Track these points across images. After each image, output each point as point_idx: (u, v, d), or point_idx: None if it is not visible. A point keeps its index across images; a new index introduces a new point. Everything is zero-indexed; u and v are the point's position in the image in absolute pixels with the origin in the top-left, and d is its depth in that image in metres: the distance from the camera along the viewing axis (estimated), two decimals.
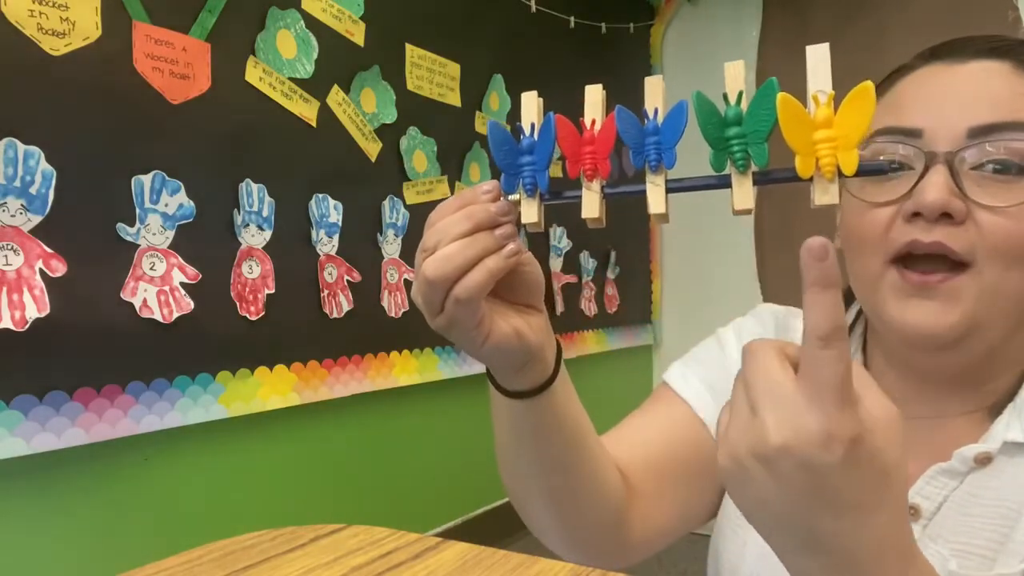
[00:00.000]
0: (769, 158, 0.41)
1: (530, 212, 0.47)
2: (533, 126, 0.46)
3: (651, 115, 0.43)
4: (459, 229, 0.48)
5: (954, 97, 0.57)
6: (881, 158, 0.58)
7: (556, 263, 2.31)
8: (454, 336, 0.51)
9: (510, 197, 0.47)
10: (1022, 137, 0.54)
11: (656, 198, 0.44)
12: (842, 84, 0.40)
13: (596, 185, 0.46)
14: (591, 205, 0.46)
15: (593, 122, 0.46)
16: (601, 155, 0.46)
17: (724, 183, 0.42)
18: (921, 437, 0.63)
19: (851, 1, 2.50)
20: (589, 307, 2.48)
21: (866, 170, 0.39)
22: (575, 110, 0.51)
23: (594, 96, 0.47)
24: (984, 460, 0.58)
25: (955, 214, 0.54)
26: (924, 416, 0.64)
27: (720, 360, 0.75)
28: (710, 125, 0.41)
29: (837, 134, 0.39)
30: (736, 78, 0.41)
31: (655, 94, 0.45)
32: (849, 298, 0.73)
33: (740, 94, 0.40)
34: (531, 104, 0.48)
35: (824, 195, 0.39)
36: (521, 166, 0.47)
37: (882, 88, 0.64)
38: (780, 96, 0.40)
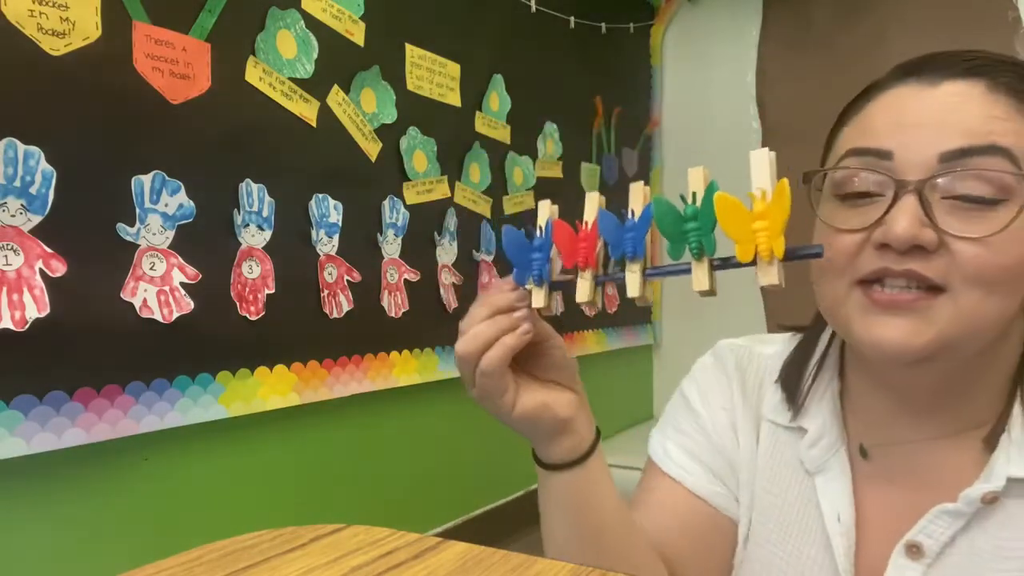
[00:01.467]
0: (716, 247, 0.48)
1: (539, 298, 0.56)
2: (542, 228, 0.56)
3: (631, 215, 0.53)
4: (482, 314, 0.57)
5: (925, 120, 0.56)
6: (855, 180, 0.58)
7: (556, 263, 2.31)
8: (487, 406, 0.59)
9: (524, 287, 0.57)
10: (993, 162, 0.53)
11: (633, 283, 0.53)
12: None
13: (588, 274, 0.54)
14: (584, 290, 0.54)
15: (587, 223, 0.55)
16: (591, 250, 0.54)
17: (686, 270, 0.50)
18: (913, 462, 0.63)
19: (851, 1, 2.50)
20: (589, 307, 2.48)
21: (795, 255, 0.46)
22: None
23: (592, 203, 0.57)
24: (991, 499, 0.57)
25: (927, 245, 0.53)
26: (910, 440, 0.63)
27: (692, 421, 0.77)
28: (667, 222, 0.49)
29: (769, 224, 0.45)
30: (697, 181, 0.49)
31: (637, 198, 0.54)
32: (822, 322, 0.73)
33: (695, 195, 0.48)
34: (545, 211, 0.58)
35: (765, 276, 0.47)
36: (531, 261, 0.55)
37: (855, 107, 0.63)
38: (716, 196, 0.47)
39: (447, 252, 1.90)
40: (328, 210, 1.57)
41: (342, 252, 1.60)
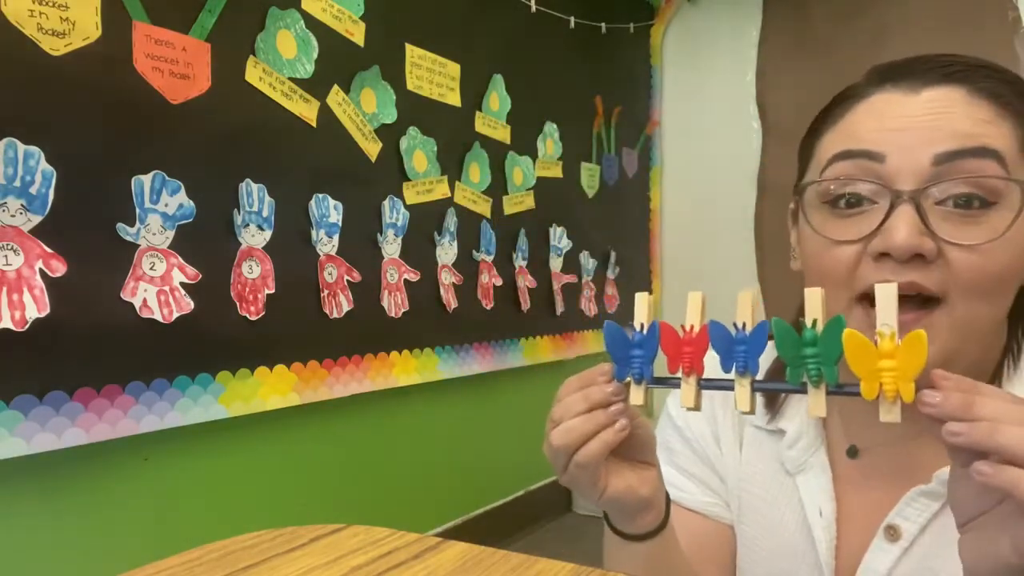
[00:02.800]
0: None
1: (637, 396, 0.56)
2: (643, 325, 0.56)
3: (740, 327, 0.53)
4: (580, 407, 0.56)
5: (913, 126, 0.56)
6: (846, 191, 0.58)
7: (556, 263, 2.31)
8: (578, 489, 0.59)
9: (621, 382, 0.57)
10: (984, 163, 0.53)
11: (743, 397, 0.52)
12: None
13: (693, 379, 0.54)
14: (688, 395, 0.54)
15: (692, 327, 0.54)
16: (697, 356, 0.54)
17: (802, 390, 0.50)
18: (898, 458, 0.63)
19: (851, 1, 2.50)
20: (589, 307, 2.48)
21: (922, 398, 0.47)
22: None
23: (695, 303, 0.56)
24: None
25: (927, 254, 0.54)
26: (900, 437, 0.63)
27: (678, 436, 0.78)
28: (786, 345, 0.50)
29: (898, 366, 0.47)
30: (815, 306, 0.50)
31: (745, 308, 0.54)
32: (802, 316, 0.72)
33: (815, 321, 0.49)
34: (643, 304, 0.57)
35: (888, 415, 0.48)
36: (632, 358, 0.56)
37: (833, 114, 0.62)
38: (846, 333, 0.48)
39: (447, 252, 1.90)
40: (328, 210, 1.57)
41: (342, 252, 1.60)
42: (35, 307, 1.09)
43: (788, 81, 2.59)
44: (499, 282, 2.06)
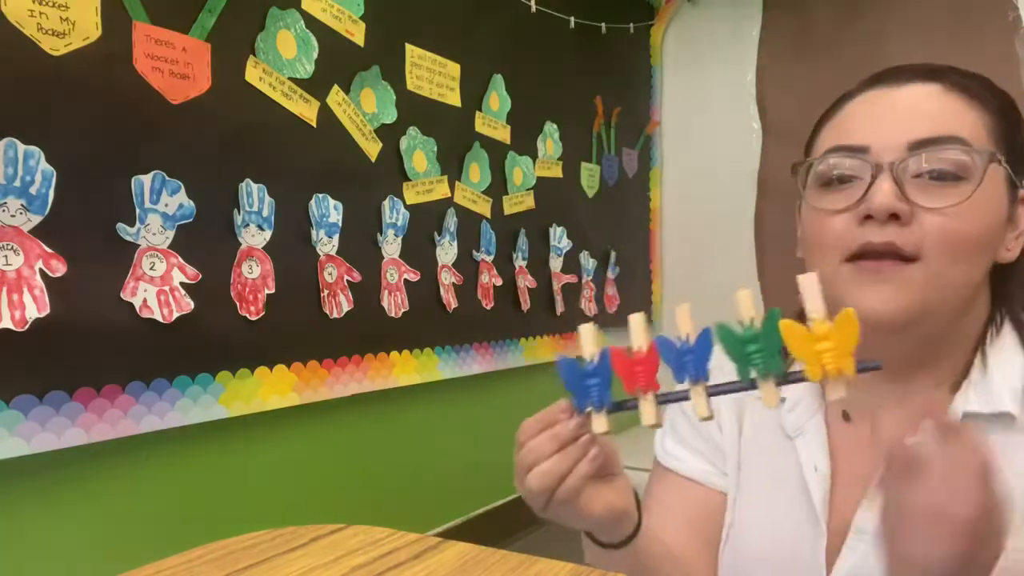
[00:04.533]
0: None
1: (600, 424, 0.57)
2: (593, 355, 0.58)
3: (684, 338, 0.55)
4: (550, 448, 0.59)
5: (895, 116, 0.67)
6: (835, 173, 0.68)
7: (556, 263, 2.31)
8: (560, 520, 0.62)
9: (583, 413, 0.58)
10: (952, 148, 0.64)
11: (700, 403, 0.55)
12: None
13: (651, 396, 0.56)
14: (649, 413, 0.56)
15: (640, 348, 0.56)
16: (650, 373, 0.56)
17: (752, 387, 0.54)
18: (888, 417, 0.71)
19: (851, 1, 2.50)
20: (589, 307, 2.48)
21: (863, 368, 0.52)
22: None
23: (637, 325, 0.58)
24: None
25: (902, 215, 0.63)
26: (889, 399, 0.71)
27: (680, 413, 0.83)
28: (731, 346, 0.53)
29: (835, 345, 0.51)
30: (747, 305, 0.53)
31: (684, 320, 0.57)
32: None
33: (752, 320, 0.53)
34: (589, 335, 0.59)
35: (834, 392, 0.52)
36: (588, 388, 0.57)
37: (831, 112, 0.73)
38: (782, 323, 0.52)
39: (447, 252, 1.90)
40: (328, 210, 1.57)
41: (342, 252, 1.60)
42: (35, 307, 1.09)
43: (788, 81, 2.59)
44: (499, 282, 2.06)
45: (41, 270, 1.10)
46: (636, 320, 0.59)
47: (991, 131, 0.67)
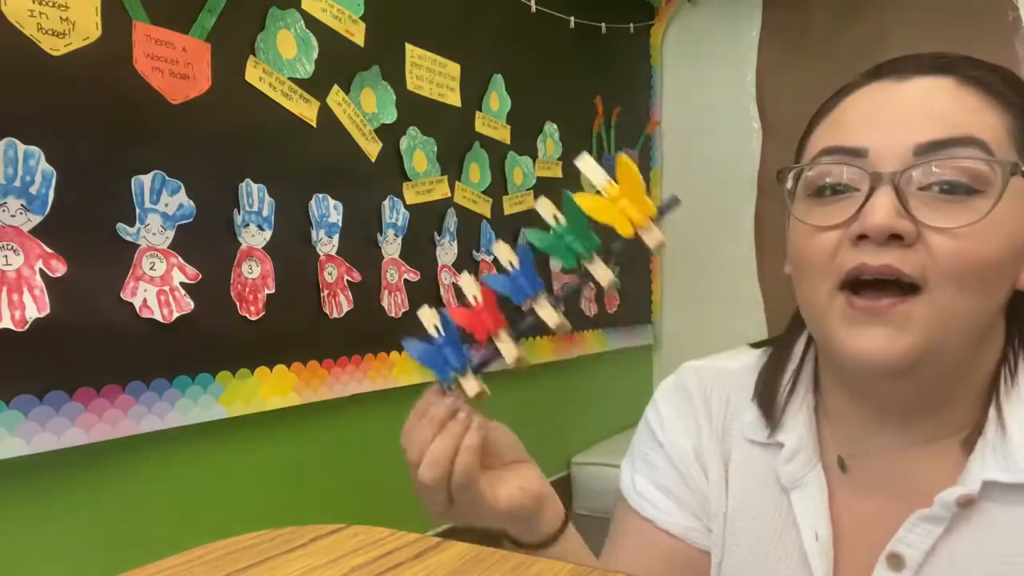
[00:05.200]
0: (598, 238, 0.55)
1: (472, 386, 0.57)
2: (437, 327, 0.58)
3: (511, 267, 0.57)
4: (431, 433, 0.56)
5: (898, 114, 0.56)
6: (827, 182, 0.58)
7: (556, 263, 2.31)
8: (473, 518, 0.58)
9: (450, 385, 0.57)
10: (968, 153, 0.52)
11: (548, 314, 0.57)
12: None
13: (503, 334, 0.56)
14: (510, 351, 0.57)
15: (475, 297, 0.58)
16: (493, 314, 0.56)
17: (588, 277, 0.55)
18: (891, 471, 0.62)
19: (851, 1, 2.50)
20: (589, 307, 2.48)
21: (663, 211, 0.54)
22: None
23: (466, 280, 0.59)
24: (966, 502, 0.56)
25: (905, 235, 0.52)
26: (888, 449, 0.62)
27: (659, 452, 0.75)
28: (550, 245, 0.56)
29: (628, 196, 0.54)
30: (547, 208, 0.57)
31: (503, 254, 0.59)
32: (798, 324, 0.71)
33: (555, 217, 0.56)
34: (426, 315, 0.60)
35: (651, 239, 0.55)
36: (444, 356, 0.57)
37: (827, 107, 0.63)
38: (576, 197, 0.55)
39: (447, 252, 1.90)
40: (328, 210, 1.57)
41: (342, 252, 1.60)
42: (35, 307, 1.09)
43: (788, 81, 2.59)
44: None
45: (41, 270, 1.10)
46: (464, 280, 0.59)
47: (1013, 135, 0.55)
